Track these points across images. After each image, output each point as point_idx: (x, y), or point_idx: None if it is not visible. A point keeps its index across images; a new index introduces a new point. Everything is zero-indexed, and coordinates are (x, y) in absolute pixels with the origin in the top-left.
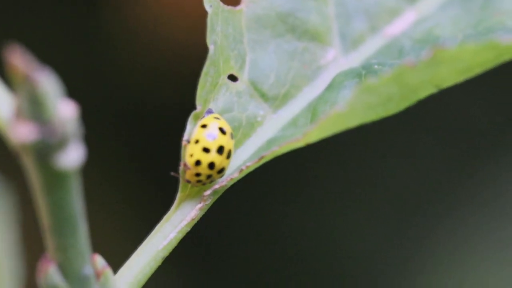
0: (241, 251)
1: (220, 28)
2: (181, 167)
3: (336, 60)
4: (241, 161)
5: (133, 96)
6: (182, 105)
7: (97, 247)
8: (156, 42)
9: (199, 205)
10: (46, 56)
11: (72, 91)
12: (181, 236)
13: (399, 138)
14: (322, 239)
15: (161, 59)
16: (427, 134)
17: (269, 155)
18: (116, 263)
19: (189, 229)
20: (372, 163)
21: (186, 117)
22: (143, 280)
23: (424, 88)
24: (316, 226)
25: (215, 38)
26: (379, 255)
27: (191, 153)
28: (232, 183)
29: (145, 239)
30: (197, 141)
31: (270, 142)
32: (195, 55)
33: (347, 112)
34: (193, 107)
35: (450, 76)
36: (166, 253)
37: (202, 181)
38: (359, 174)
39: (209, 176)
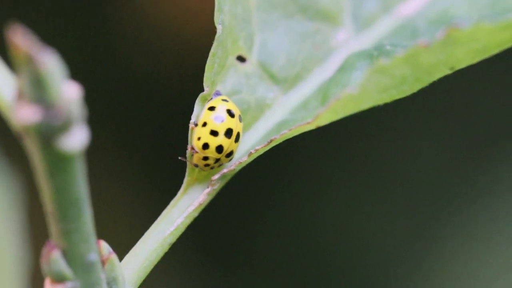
0: (256, 243)
1: (228, 8)
2: (188, 151)
3: (347, 41)
4: (250, 145)
5: (139, 78)
6: (190, 87)
7: (102, 233)
8: (163, 25)
9: (207, 190)
10: (48, 38)
11: (75, 74)
12: (188, 221)
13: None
14: (338, 233)
15: (168, 42)
16: (446, 130)
17: (278, 138)
18: (122, 250)
19: (196, 214)
20: (386, 159)
21: (194, 99)
22: (150, 267)
23: (439, 69)
24: (334, 220)
25: (223, 18)
26: (396, 248)
27: (198, 136)
28: (241, 167)
29: (152, 224)
30: (204, 124)
31: (280, 125)
32: (205, 40)
33: (359, 94)
34: (201, 89)
35: (465, 57)
36: (173, 239)
37: (210, 165)
38: (376, 169)
39: (217, 160)
